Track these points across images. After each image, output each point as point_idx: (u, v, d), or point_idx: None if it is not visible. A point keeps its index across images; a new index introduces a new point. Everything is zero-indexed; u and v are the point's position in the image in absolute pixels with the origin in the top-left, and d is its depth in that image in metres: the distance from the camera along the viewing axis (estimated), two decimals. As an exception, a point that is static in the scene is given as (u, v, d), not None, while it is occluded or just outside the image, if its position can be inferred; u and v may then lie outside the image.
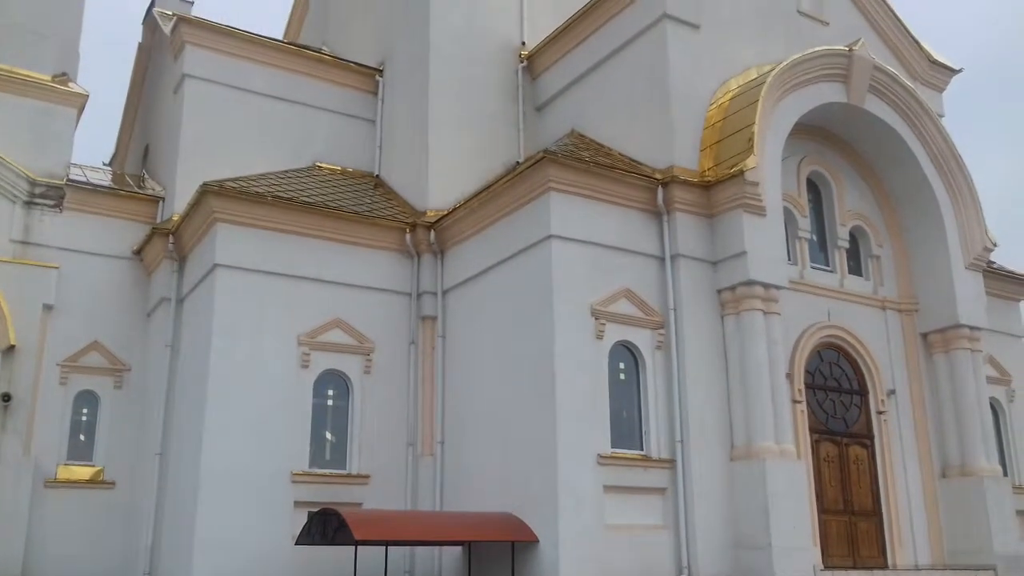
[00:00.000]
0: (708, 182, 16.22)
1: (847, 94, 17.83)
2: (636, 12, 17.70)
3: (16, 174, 18.38)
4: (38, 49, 19.41)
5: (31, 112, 18.94)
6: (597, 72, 18.63)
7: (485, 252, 16.90)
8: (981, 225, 18.85)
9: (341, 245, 17.48)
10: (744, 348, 15.75)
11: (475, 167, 18.99)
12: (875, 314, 18.51)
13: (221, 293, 16.28)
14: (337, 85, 21.00)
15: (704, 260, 16.20)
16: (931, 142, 18.73)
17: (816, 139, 18.50)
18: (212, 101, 19.51)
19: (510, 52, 20.64)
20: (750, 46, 17.91)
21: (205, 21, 19.90)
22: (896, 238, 19.24)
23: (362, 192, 19.29)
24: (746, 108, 16.34)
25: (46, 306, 18.17)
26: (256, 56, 20.21)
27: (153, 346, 18.65)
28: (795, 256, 17.77)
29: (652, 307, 15.78)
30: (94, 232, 19.01)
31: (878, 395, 17.94)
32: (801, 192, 18.11)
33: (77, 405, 18.42)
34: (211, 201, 16.42)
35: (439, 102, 19.36)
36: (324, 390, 17.00)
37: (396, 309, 17.84)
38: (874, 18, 20.15)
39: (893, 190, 19.18)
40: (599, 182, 15.70)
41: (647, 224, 16.12)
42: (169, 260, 18.35)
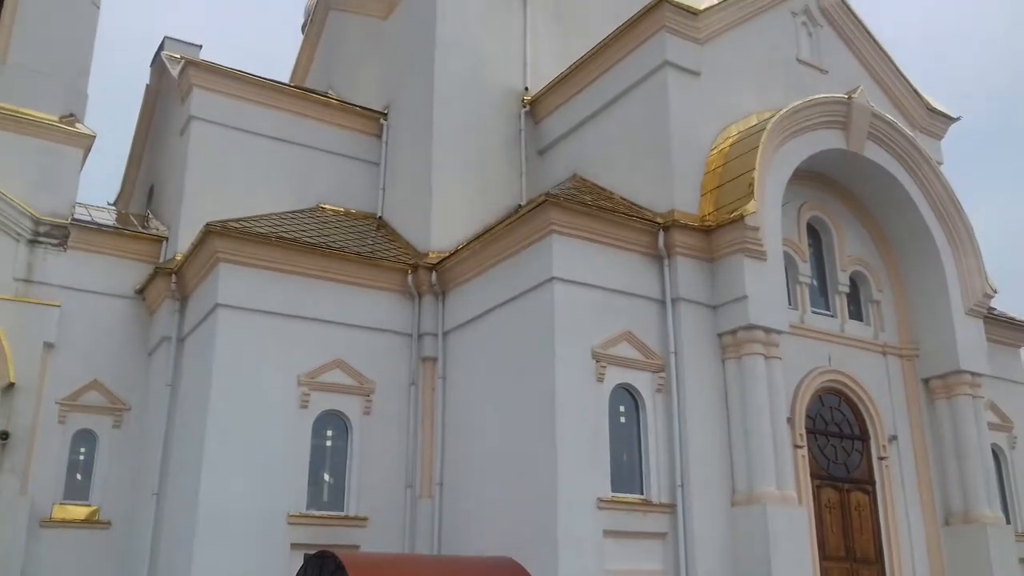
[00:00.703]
0: (709, 226, 16.32)
1: (846, 141, 18.02)
2: (638, 59, 17.95)
3: (21, 213, 18.51)
4: (46, 90, 19.64)
5: (38, 152, 19.12)
6: (599, 117, 18.85)
7: (486, 294, 16.95)
8: (981, 271, 18.92)
9: (343, 286, 17.54)
10: (745, 392, 15.72)
11: (477, 210, 19.12)
12: (876, 359, 18.50)
13: (222, 333, 16.31)
14: (342, 128, 21.24)
15: (705, 304, 16.24)
16: (930, 189, 18.88)
17: (816, 185, 18.65)
18: (217, 143, 19.71)
19: (513, 97, 20.89)
20: (750, 93, 18.13)
21: (213, 65, 20.18)
22: (896, 283, 19.30)
23: (365, 233, 19.40)
24: (746, 154, 16.50)
25: (47, 344, 18.17)
26: (262, 99, 20.46)
27: (153, 385, 18.62)
28: (796, 301, 17.82)
29: (653, 350, 15.79)
30: (97, 271, 19.08)
31: (879, 441, 17.86)
32: (801, 237, 18.22)
33: (75, 444, 18.34)
34: (214, 241, 16.51)
35: (442, 145, 19.56)
36: (323, 431, 16.93)
37: (397, 350, 17.85)
38: (873, 67, 20.43)
39: (893, 236, 19.29)
40: (601, 225, 15.81)
41: (648, 267, 16.19)
42: (171, 299, 18.39)
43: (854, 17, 20.29)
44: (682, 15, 17.50)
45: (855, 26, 20.29)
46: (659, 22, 17.43)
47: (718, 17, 18.07)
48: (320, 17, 27.07)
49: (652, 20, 17.58)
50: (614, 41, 18.43)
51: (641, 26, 17.81)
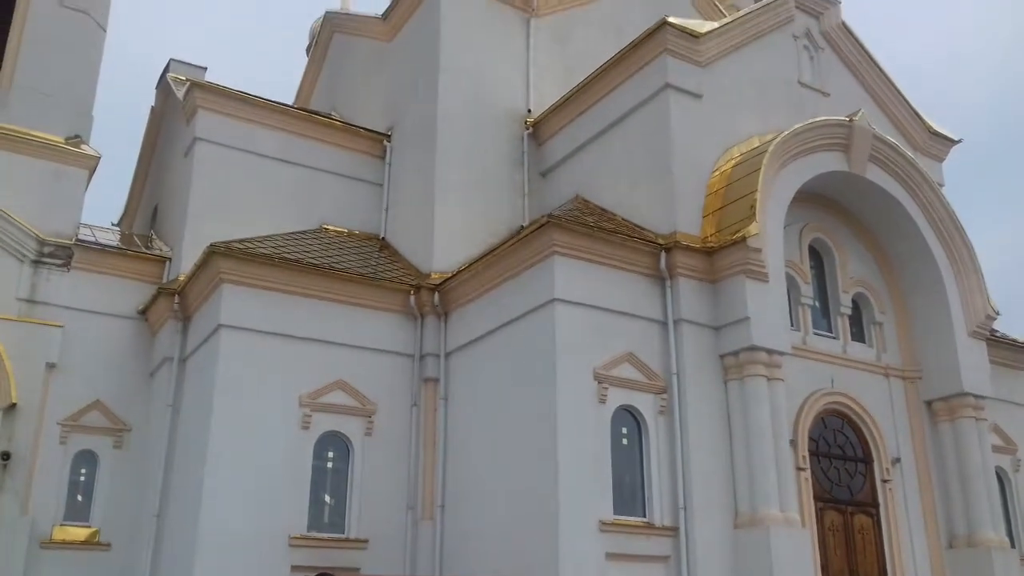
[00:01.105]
0: (711, 248, 16.35)
1: (848, 163, 18.07)
2: (640, 82, 18.06)
3: (25, 233, 18.59)
4: (53, 111, 19.78)
5: (43, 173, 19.23)
6: (601, 139, 18.94)
7: (488, 315, 16.96)
8: (983, 293, 18.91)
9: (345, 306, 17.56)
10: (747, 414, 15.69)
11: (480, 230, 19.18)
12: (879, 381, 18.46)
13: (224, 353, 16.31)
14: (345, 149, 21.35)
15: (707, 325, 16.23)
16: (932, 211, 18.91)
17: (818, 207, 18.69)
18: (222, 164, 19.82)
19: (516, 119, 21.00)
20: (752, 116, 18.21)
21: (217, 86, 20.32)
22: (899, 305, 19.29)
23: (367, 254, 19.45)
24: (748, 176, 16.55)
25: (49, 364, 18.18)
26: (266, 120, 20.59)
27: (155, 406, 18.61)
28: (798, 322, 17.81)
29: (655, 371, 15.77)
30: (100, 291, 19.11)
31: (883, 463, 17.78)
32: (803, 259, 18.24)
33: (76, 465, 18.29)
34: (218, 262, 16.56)
35: (445, 167, 19.65)
36: (324, 452, 16.89)
37: (399, 371, 17.84)
38: (874, 89, 20.52)
39: (895, 258, 19.31)
40: (603, 247, 15.84)
41: (650, 289, 16.20)
42: (174, 320, 18.41)
43: (855, 40, 20.41)
44: (684, 38, 17.62)
45: (856, 49, 20.40)
46: (661, 45, 17.55)
47: (719, 40, 18.18)
48: (325, 40, 27.29)
49: (654, 43, 17.69)
50: (616, 64, 18.55)
51: (643, 49, 17.92)
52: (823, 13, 20.03)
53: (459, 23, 21.00)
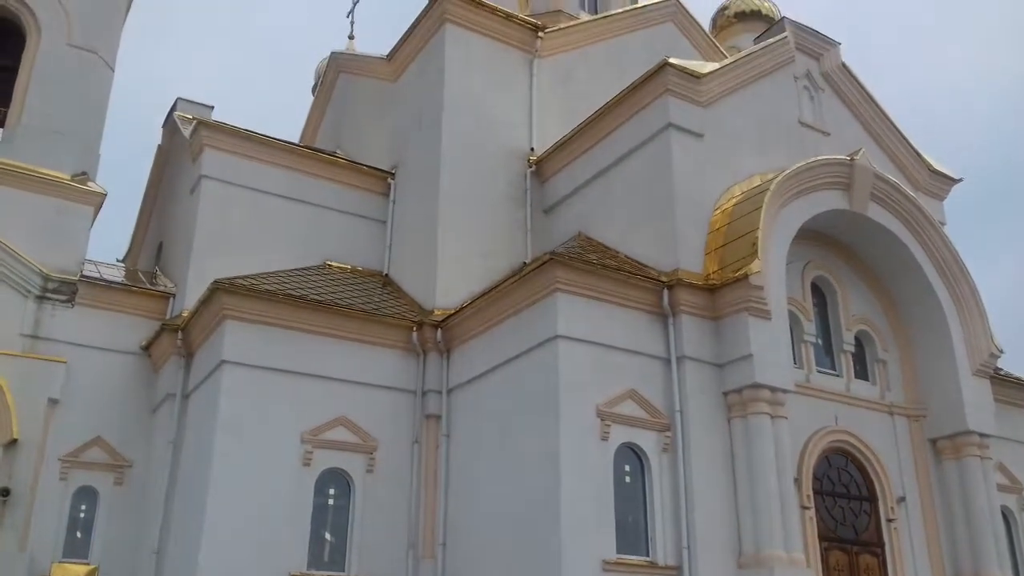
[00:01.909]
0: (713, 285, 16.38)
1: (849, 202, 18.17)
2: (642, 121, 18.24)
3: (31, 269, 18.67)
4: (60, 149, 19.96)
5: (49, 209, 19.35)
6: (604, 177, 19.08)
7: (491, 351, 16.96)
8: (987, 331, 18.90)
9: (348, 343, 17.57)
10: (751, 452, 15.61)
11: (483, 267, 19.26)
12: (883, 419, 18.38)
13: (227, 390, 16.30)
14: (349, 187, 21.53)
15: (710, 363, 16.22)
16: (934, 249, 18.96)
17: (820, 245, 18.75)
18: (227, 201, 19.98)
19: (519, 157, 21.18)
20: (753, 155, 18.36)
21: (224, 125, 20.54)
22: (902, 343, 19.27)
23: (370, 290, 19.51)
24: (750, 214, 16.64)
25: (51, 400, 18.16)
26: (272, 158, 20.79)
27: (156, 442, 18.54)
28: (801, 360, 17.79)
29: (658, 409, 15.72)
30: (104, 327, 19.14)
31: (888, 502, 17.64)
32: (806, 296, 18.26)
33: (76, 501, 18.19)
34: (221, 298, 16.61)
35: (449, 204, 19.78)
36: (325, 489, 16.79)
37: (401, 407, 17.80)
38: (874, 129, 20.70)
39: (897, 296, 19.32)
40: (605, 284, 15.88)
41: (653, 326, 16.21)
42: (177, 356, 18.42)
43: (855, 81, 20.63)
44: (685, 79, 17.83)
45: (856, 90, 20.61)
46: (663, 86, 17.75)
47: (720, 81, 18.39)
48: (330, 80, 27.62)
49: (656, 84, 17.90)
50: (619, 103, 18.75)
51: (645, 89, 18.13)
52: (823, 54, 20.29)
53: (463, 64, 21.28)
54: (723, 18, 31.09)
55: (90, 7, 21.27)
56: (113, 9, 21.86)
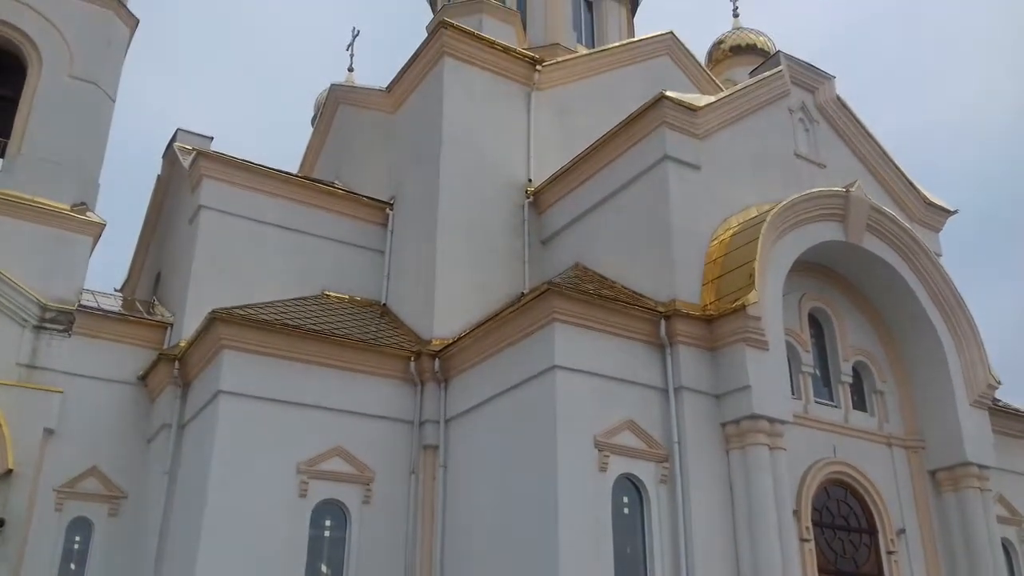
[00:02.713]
0: (710, 316, 16.42)
1: (845, 233, 18.26)
2: (639, 153, 18.37)
3: (28, 299, 18.66)
4: (60, 179, 20.04)
5: (48, 239, 19.37)
6: (601, 208, 19.18)
7: (489, 382, 16.94)
8: (984, 362, 18.91)
9: (345, 372, 17.55)
10: (750, 484, 15.55)
11: (481, 297, 19.28)
12: (881, 450, 18.33)
13: (223, 420, 16.24)
14: (348, 217, 21.62)
15: (708, 393, 16.21)
16: (930, 280, 19.03)
17: (817, 276, 18.82)
18: (225, 231, 20.04)
19: (517, 188, 21.30)
20: (749, 186, 18.48)
21: (223, 155, 20.65)
22: (900, 374, 19.27)
23: (368, 320, 19.51)
24: (747, 245, 16.72)
25: (47, 430, 18.08)
26: (270, 189, 20.88)
27: (151, 473, 18.43)
28: (799, 391, 17.78)
29: (656, 440, 15.68)
30: (101, 357, 19.08)
31: (887, 534, 17.53)
32: (803, 327, 18.29)
33: (70, 532, 18.00)
34: (219, 328, 16.61)
35: (447, 234, 19.86)
36: (321, 520, 16.65)
37: (398, 438, 17.73)
38: (869, 161, 20.86)
39: (894, 326, 19.35)
40: (602, 314, 15.91)
41: (650, 356, 16.21)
42: (173, 386, 18.37)
43: (850, 114, 20.81)
44: (681, 111, 17.99)
45: (851, 122, 20.79)
46: (659, 118, 17.91)
47: (717, 114, 18.56)
48: (330, 111, 27.83)
49: (652, 116, 18.07)
50: (616, 136, 18.91)
51: (642, 122, 18.29)
52: (818, 88, 20.49)
53: (462, 96, 21.47)
54: (719, 52, 31.40)
55: (92, 39, 21.44)
56: (114, 41, 22.04)
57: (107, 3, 21.80)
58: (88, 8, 21.55)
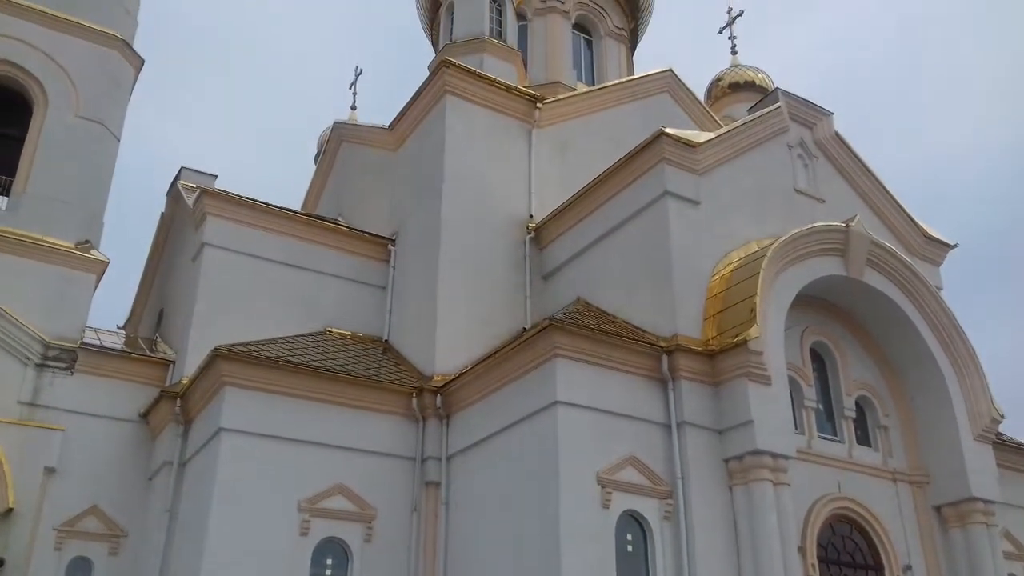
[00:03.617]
0: (712, 351, 16.41)
1: (846, 267, 18.32)
2: (638, 189, 18.50)
3: (31, 337, 18.69)
4: (65, 217, 20.17)
5: (52, 277, 19.46)
6: (602, 243, 19.27)
7: (491, 417, 16.90)
8: (987, 396, 18.85)
9: (347, 409, 17.51)
10: (754, 520, 15.45)
11: (483, 333, 19.31)
12: (886, 486, 18.22)
13: (224, 457, 16.19)
14: (350, 253, 21.71)
15: (710, 428, 16.16)
16: (931, 314, 19.03)
17: (818, 310, 18.84)
18: (228, 268, 20.11)
19: (518, 224, 21.42)
20: (749, 221, 18.57)
21: (227, 193, 20.79)
22: (903, 408, 19.20)
23: (370, 356, 19.52)
24: (748, 279, 16.76)
25: (48, 469, 18.02)
26: (273, 226, 20.99)
27: (152, 511, 18.33)
28: (802, 426, 17.71)
29: (659, 476, 15.60)
30: (102, 395, 19.07)
31: (894, 571, 17.36)
32: (805, 361, 18.27)
33: (70, 572, 17.86)
34: (221, 365, 16.61)
35: (448, 270, 19.93)
36: (322, 559, 16.51)
37: (400, 475, 17.65)
38: (868, 196, 20.96)
39: (896, 361, 19.33)
40: (604, 349, 15.91)
41: (652, 391, 16.19)
42: (175, 423, 18.33)
43: (848, 149, 20.94)
44: (681, 148, 18.14)
45: (850, 158, 20.92)
46: (659, 155, 18.05)
47: (716, 150, 18.71)
48: (333, 149, 28.07)
49: (652, 153, 18.21)
50: (616, 172, 19.04)
51: (642, 158, 18.43)
52: (816, 124, 20.66)
53: (463, 133, 21.67)
54: (718, 89, 31.71)
55: (97, 80, 21.69)
56: (120, 81, 22.30)
57: (113, 44, 22.10)
58: (94, 49, 21.84)
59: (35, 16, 21.36)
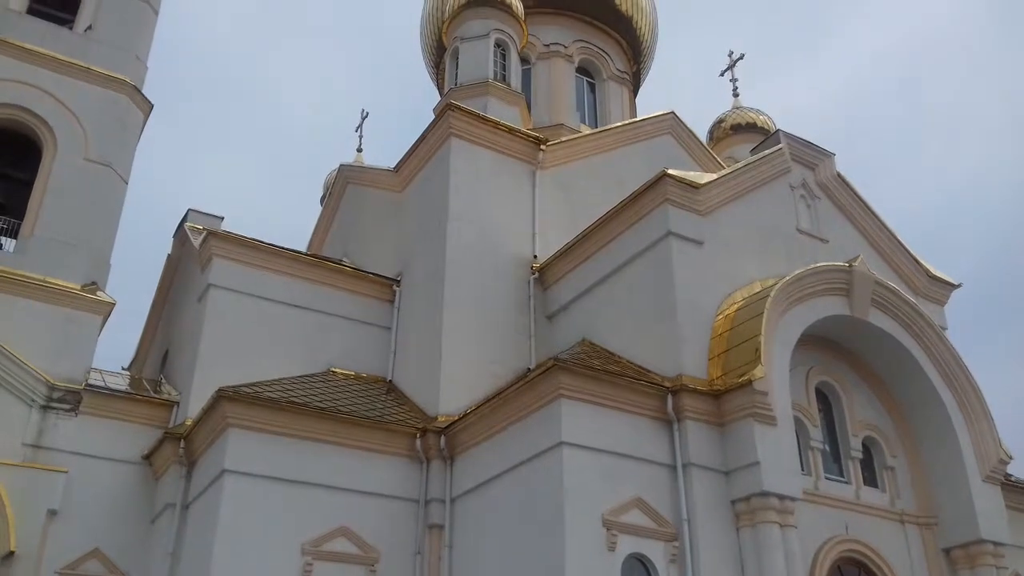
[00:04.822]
0: (717, 391, 16.37)
1: (850, 307, 18.31)
2: (642, 229, 18.59)
3: (36, 379, 18.68)
4: (71, 259, 20.24)
5: (58, 319, 19.50)
6: (606, 284, 19.31)
7: (495, 458, 16.82)
8: (995, 437, 18.72)
9: (351, 450, 17.45)
10: (762, 563, 15.29)
11: (487, 373, 19.29)
12: (894, 528, 18.03)
13: (227, 500, 16.10)
14: (355, 294, 21.78)
15: (716, 470, 16.05)
16: (936, 354, 18.97)
17: (823, 350, 18.80)
18: (234, 309, 20.18)
19: (522, 265, 21.50)
20: (753, 261, 18.62)
21: (233, 235, 20.92)
22: (910, 449, 19.07)
23: (374, 397, 19.48)
24: (752, 319, 16.77)
25: (50, 511, 17.90)
26: (280, 267, 21.10)
27: (154, 554, 18.15)
28: (808, 467, 17.59)
29: (665, 518, 15.47)
30: (106, 436, 18.99)
31: (904, 615, 17.13)
32: (811, 402, 18.20)
33: (69, 617, 17.75)
34: (225, 406, 16.60)
35: (453, 311, 19.97)
36: (325, 604, 16.37)
37: (403, 517, 17.52)
38: (871, 236, 21.02)
39: (902, 401, 19.24)
40: (609, 389, 15.88)
41: (658, 432, 16.12)
42: (178, 465, 18.25)
43: (851, 190, 21.04)
44: (684, 189, 18.26)
45: (852, 198, 21.02)
46: (662, 195, 18.17)
47: (719, 191, 18.83)
48: (338, 190, 28.30)
49: (655, 194, 18.33)
50: (619, 212, 19.16)
51: (645, 199, 18.55)
52: (818, 165, 20.79)
53: (468, 175, 21.85)
54: (719, 130, 31.96)
55: (107, 124, 21.91)
56: (129, 125, 22.53)
57: (123, 89, 22.38)
58: (105, 94, 22.11)
59: (48, 62, 21.67)
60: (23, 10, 22.46)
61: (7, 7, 22.01)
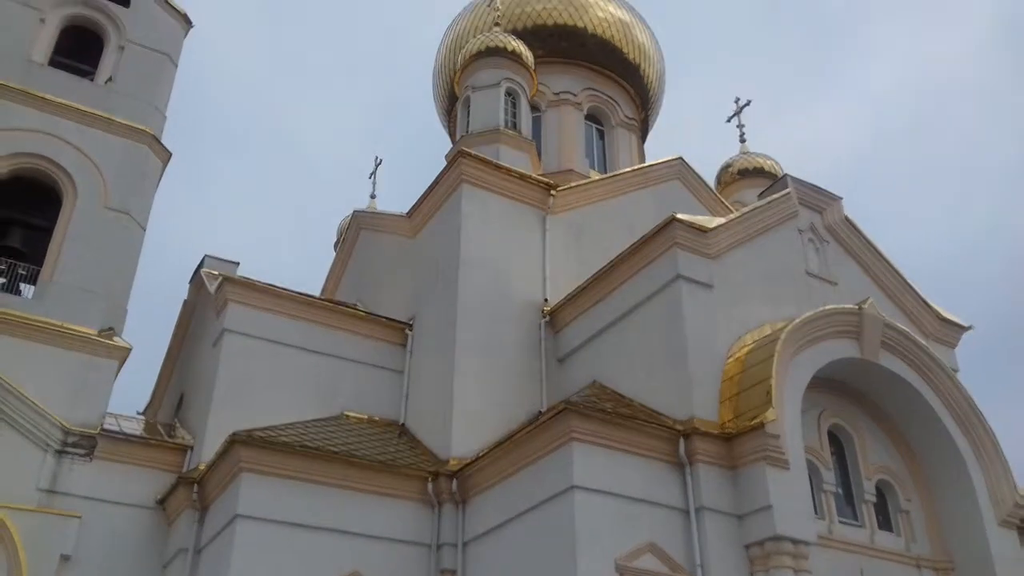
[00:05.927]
0: (729, 434, 16.37)
1: (860, 350, 18.33)
2: (652, 273, 18.75)
3: (51, 423, 18.79)
4: (89, 305, 20.45)
5: (74, 364, 19.65)
6: (616, 327, 19.43)
7: (507, 502, 16.81)
8: (1010, 480, 18.58)
9: (363, 494, 17.47)
10: (776, 609, 15.15)
11: (498, 417, 19.34)
12: (910, 573, 17.86)
13: (240, 544, 16.11)
14: (368, 338, 21.95)
15: (729, 513, 15.99)
16: (948, 397, 18.93)
17: (835, 393, 18.79)
18: (248, 354, 20.35)
19: (533, 308, 21.65)
20: (762, 304, 18.72)
21: (248, 281, 21.17)
22: (924, 492, 18.94)
23: (387, 441, 19.55)
24: (763, 362, 16.82)
25: (63, 556, 17.88)
26: (293, 312, 21.31)
27: (166, 600, 18.17)
28: (822, 510, 17.49)
29: (678, 563, 15.39)
30: (120, 481, 19.03)
31: (923, 663, 16.89)
32: (823, 445, 18.15)
33: (79, 665, 17.66)
34: (239, 451, 16.69)
35: (465, 355, 20.09)
36: (336, 652, 16.28)
37: (415, 561, 17.46)
38: (880, 278, 21.11)
39: (915, 444, 19.15)
40: (621, 433, 15.91)
41: (670, 475, 16.11)
42: (191, 510, 18.28)
43: (859, 233, 21.18)
44: (692, 233, 18.45)
45: (860, 241, 21.14)
46: (671, 239, 18.36)
47: (727, 235, 19.00)
48: (352, 236, 28.63)
49: (664, 237, 18.53)
50: (629, 256, 19.34)
51: (654, 243, 18.75)
52: (825, 208, 20.96)
53: (479, 220, 22.12)
54: (727, 175, 32.22)
55: (126, 173, 22.26)
56: (148, 174, 22.86)
57: (143, 139, 22.81)
58: (125, 144, 22.50)
59: (71, 113, 22.13)
60: (45, 62, 23.00)
61: (30, 59, 22.58)
